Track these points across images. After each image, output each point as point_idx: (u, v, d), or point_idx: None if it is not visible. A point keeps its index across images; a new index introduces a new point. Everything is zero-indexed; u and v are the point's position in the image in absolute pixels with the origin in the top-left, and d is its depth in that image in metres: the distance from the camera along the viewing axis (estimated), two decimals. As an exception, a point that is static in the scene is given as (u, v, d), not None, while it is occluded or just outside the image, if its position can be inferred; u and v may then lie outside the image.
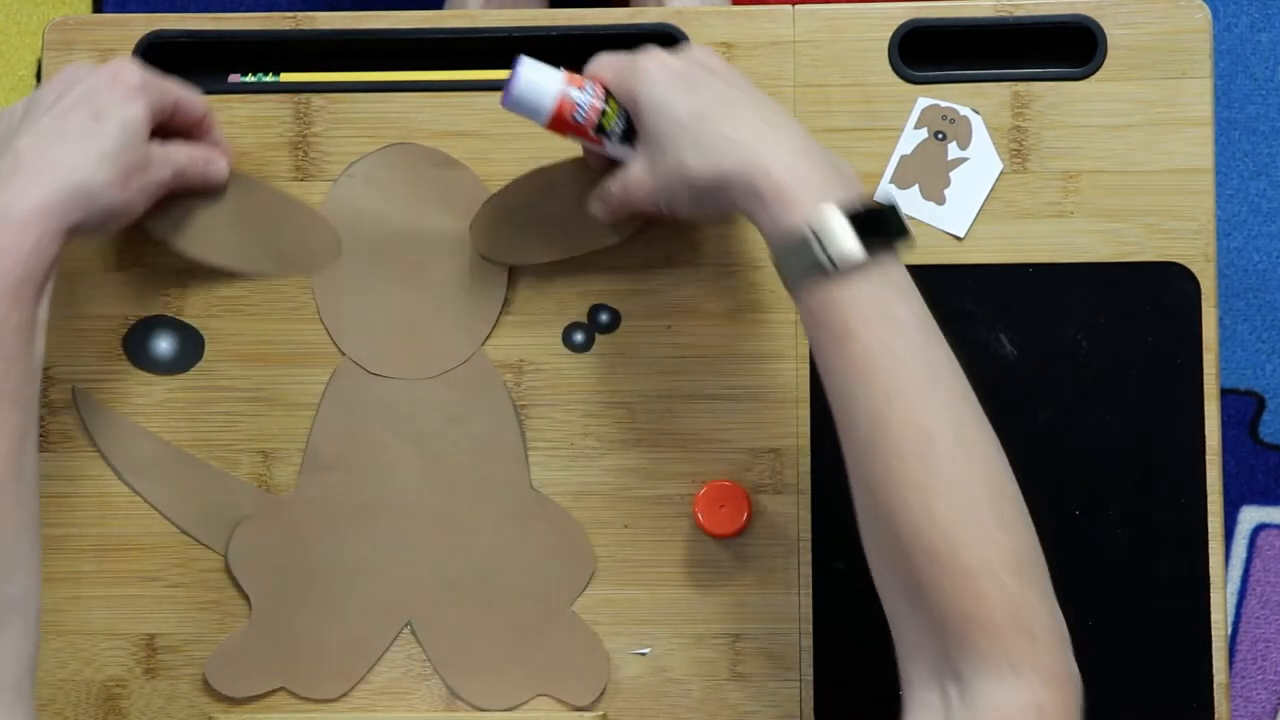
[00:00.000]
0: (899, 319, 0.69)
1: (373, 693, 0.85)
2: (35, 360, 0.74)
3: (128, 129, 0.77)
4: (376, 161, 0.87)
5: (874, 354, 0.69)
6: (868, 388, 0.68)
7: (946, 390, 0.69)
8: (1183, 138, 0.86)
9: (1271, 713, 1.42)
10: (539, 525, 0.86)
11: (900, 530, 0.67)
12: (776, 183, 0.71)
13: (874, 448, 0.68)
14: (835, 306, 0.70)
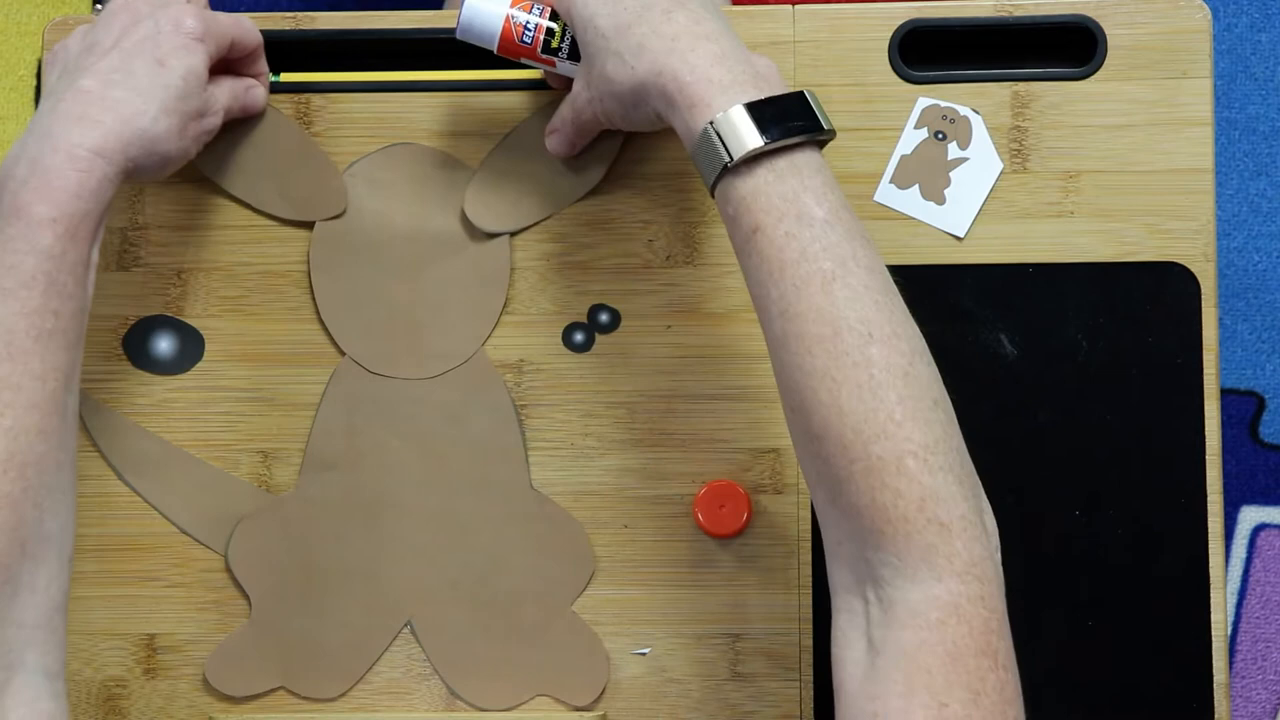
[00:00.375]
0: (808, 212, 0.69)
1: (373, 693, 0.85)
2: (86, 300, 0.74)
3: (189, 78, 0.78)
4: (378, 161, 0.88)
5: (780, 247, 0.69)
6: (777, 281, 0.69)
7: (858, 282, 0.68)
8: (1183, 138, 0.86)
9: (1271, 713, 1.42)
10: (539, 525, 0.86)
11: (813, 424, 0.67)
12: (685, 85, 0.72)
13: (785, 342, 0.68)
14: (742, 202, 0.70)
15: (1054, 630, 0.84)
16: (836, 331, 0.67)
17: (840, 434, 0.66)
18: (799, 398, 0.68)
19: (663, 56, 0.73)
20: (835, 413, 0.66)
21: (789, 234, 0.68)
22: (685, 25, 0.74)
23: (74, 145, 0.73)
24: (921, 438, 0.65)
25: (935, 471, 0.65)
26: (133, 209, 0.88)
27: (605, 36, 0.75)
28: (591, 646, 0.85)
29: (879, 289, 0.68)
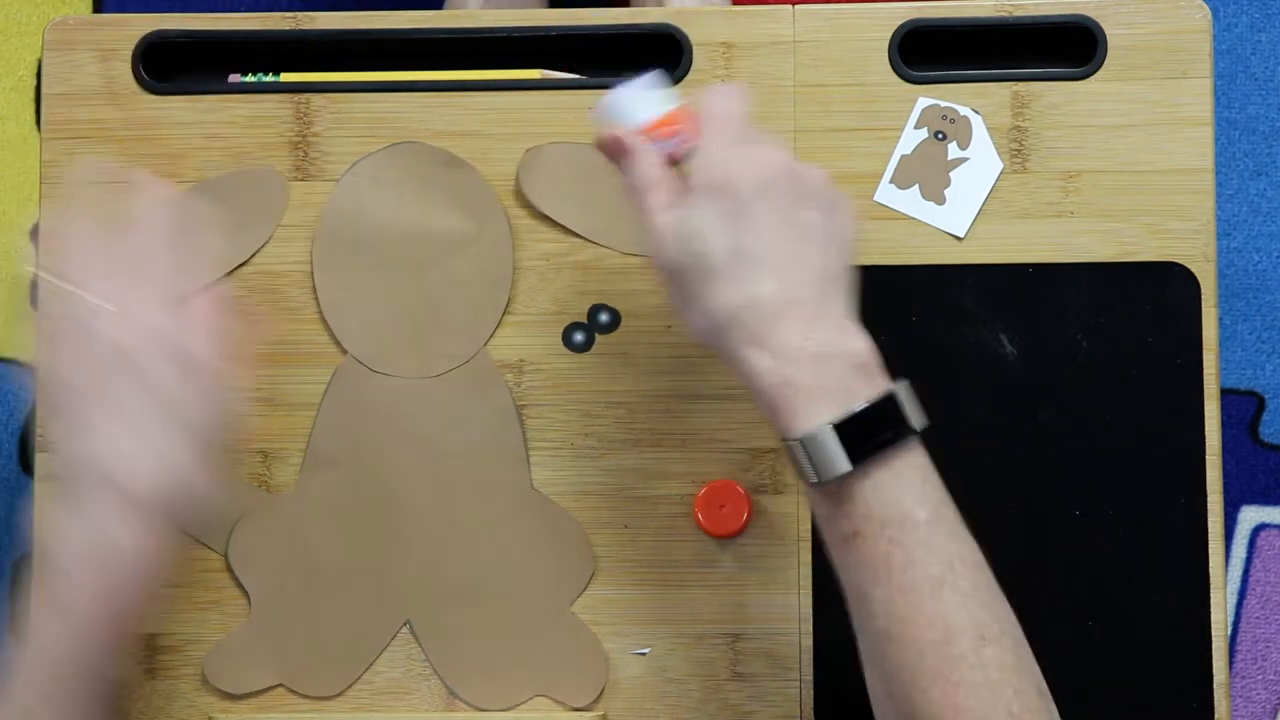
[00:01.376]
0: (911, 517, 0.67)
1: (373, 693, 0.85)
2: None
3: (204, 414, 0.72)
4: (382, 160, 0.87)
5: (884, 554, 0.67)
6: (882, 585, 0.67)
7: (966, 584, 0.68)
8: (1183, 138, 0.86)
9: (1271, 713, 1.42)
10: (539, 526, 0.86)
11: (921, 716, 0.67)
12: (766, 389, 0.68)
13: (891, 641, 0.67)
14: (838, 508, 0.68)
15: (1054, 630, 0.84)
16: (949, 637, 0.66)
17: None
18: (903, 691, 0.67)
19: (748, 342, 0.68)
20: (950, 710, 0.66)
21: (893, 540, 0.67)
22: (791, 295, 0.69)
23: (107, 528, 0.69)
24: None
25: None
26: (133, 209, 0.88)
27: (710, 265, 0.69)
28: (591, 647, 0.85)
29: (985, 586, 0.68)
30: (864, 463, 0.67)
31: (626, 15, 0.90)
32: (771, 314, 0.68)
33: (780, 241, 0.69)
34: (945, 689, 0.66)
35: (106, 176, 0.73)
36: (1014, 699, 0.67)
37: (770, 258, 0.69)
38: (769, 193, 0.70)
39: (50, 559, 0.71)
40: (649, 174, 0.72)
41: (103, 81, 0.89)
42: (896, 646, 0.67)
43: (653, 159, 0.73)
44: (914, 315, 0.86)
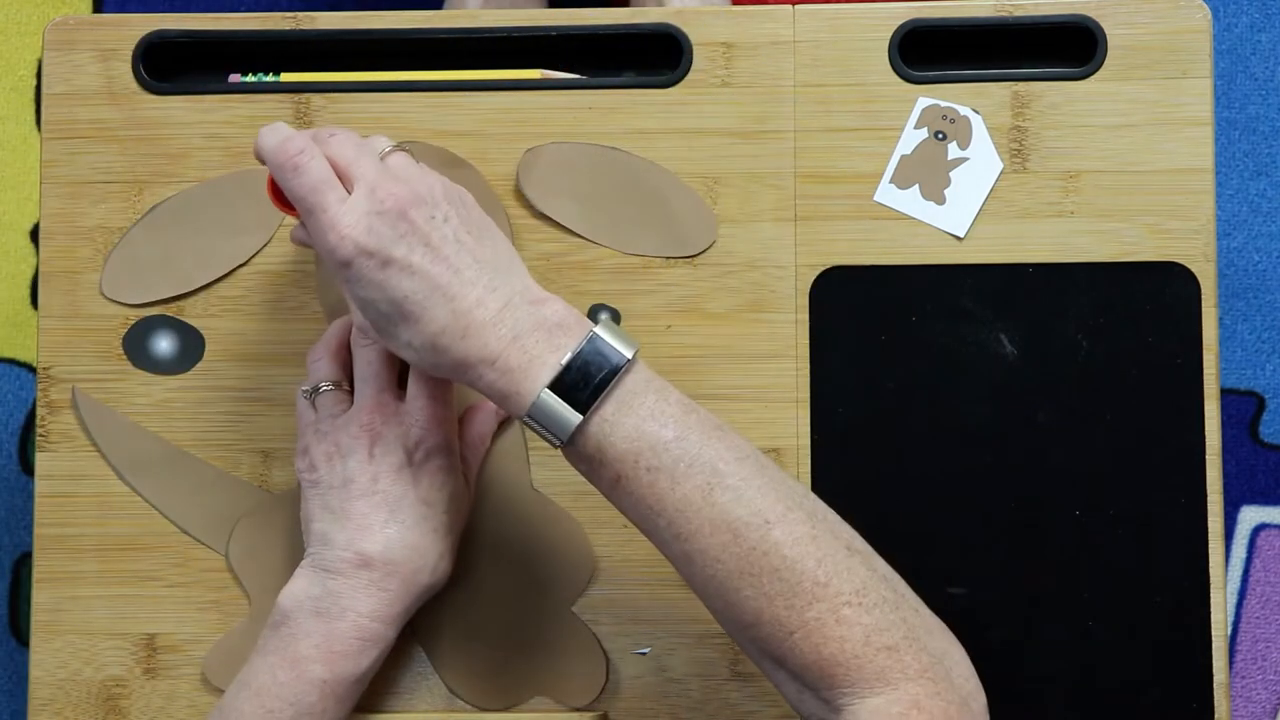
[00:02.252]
0: (657, 440, 0.70)
1: (373, 693, 0.85)
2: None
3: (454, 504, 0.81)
4: None
5: (648, 484, 0.70)
6: (659, 513, 0.70)
7: (734, 479, 0.70)
8: (1183, 138, 0.86)
9: (1271, 713, 1.42)
10: (539, 525, 0.86)
11: (744, 616, 0.69)
12: (490, 384, 0.71)
13: (689, 559, 0.70)
14: (590, 461, 0.71)
15: (1054, 630, 0.84)
16: (735, 534, 0.69)
17: (773, 615, 0.68)
18: (722, 600, 0.70)
19: (459, 356, 0.71)
20: (763, 600, 0.69)
21: (650, 469, 0.70)
22: (471, 306, 0.71)
23: (361, 615, 0.77)
24: (849, 586, 0.68)
25: (870, 609, 0.68)
26: (133, 209, 0.88)
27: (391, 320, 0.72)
28: (590, 647, 0.85)
29: (755, 473, 0.70)
30: (591, 409, 0.69)
31: (626, 15, 0.90)
32: (457, 331, 0.71)
33: (422, 266, 0.71)
34: (751, 582, 0.69)
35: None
36: (817, 568, 0.68)
37: (421, 287, 0.71)
38: (400, 230, 0.71)
39: (294, 620, 0.78)
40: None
41: (103, 81, 0.89)
42: (698, 565, 0.70)
43: None
44: (914, 315, 0.86)
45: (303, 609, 0.77)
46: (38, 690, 0.86)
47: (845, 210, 0.87)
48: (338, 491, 0.79)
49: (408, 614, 0.80)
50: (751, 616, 0.69)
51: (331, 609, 0.77)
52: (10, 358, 1.47)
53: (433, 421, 0.79)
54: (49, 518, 0.86)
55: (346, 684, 0.77)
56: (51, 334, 0.88)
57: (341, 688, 0.77)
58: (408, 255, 0.71)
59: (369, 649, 0.78)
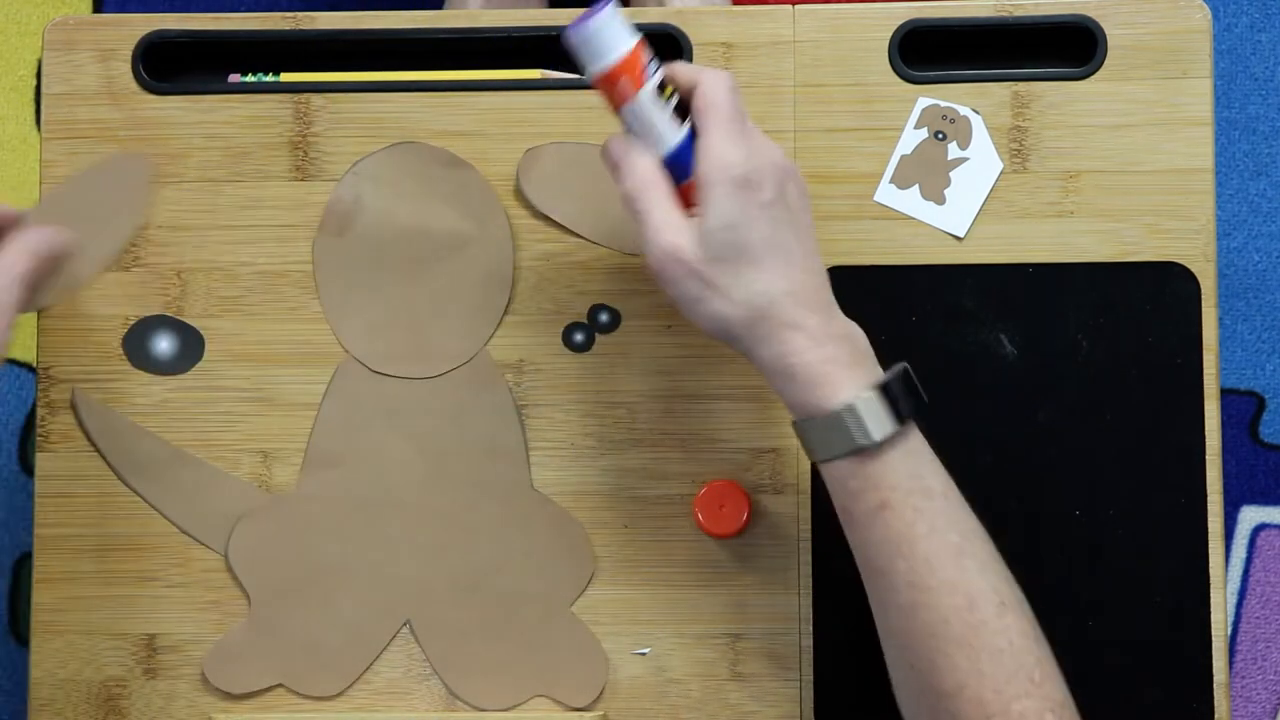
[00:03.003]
0: (930, 488, 0.71)
1: (373, 693, 0.85)
2: None
3: None
4: (383, 160, 0.87)
5: (909, 523, 0.70)
6: (906, 556, 0.70)
7: (983, 553, 0.71)
8: (1183, 138, 0.86)
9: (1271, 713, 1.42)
10: (539, 526, 0.86)
11: (945, 684, 0.69)
12: (809, 364, 0.71)
13: (914, 611, 0.70)
14: (869, 479, 0.71)
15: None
16: (972, 603, 0.69)
17: (979, 694, 0.68)
18: (929, 661, 0.70)
19: (783, 324, 0.71)
20: (975, 676, 0.69)
21: (916, 509, 0.70)
22: (804, 280, 0.72)
23: None
24: (1058, 695, 0.69)
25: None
26: (133, 209, 0.88)
27: (746, 254, 0.71)
28: (590, 647, 0.85)
29: (997, 558, 0.72)
30: (898, 429, 0.71)
31: (626, 15, 0.90)
32: (803, 299, 0.72)
33: (795, 231, 0.73)
34: (970, 655, 0.69)
35: None
36: (1035, 666, 0.69)
37: (794, 247, 0.72)
38: (783, 185, 0.73)
39: None
40: (647, 173, 0.73)
41: (103, 81, 0.89)
42: (920, 617, 0.70)
43: (648, 160, 0.73)
44: (914, 315, 0.86)
45: None
46: (38, 690, 0.86)
47: (845, 210, 0.87)
48: None
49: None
50: (952, 687, 0.69)
51: None
52: (10, 358, 1.47)
53: None
54: (49, 518, 0.87)
55: None
56: (51, 334, 0.88)
57: None
58: (785, 207, 0.72)
59: None
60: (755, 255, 0.72)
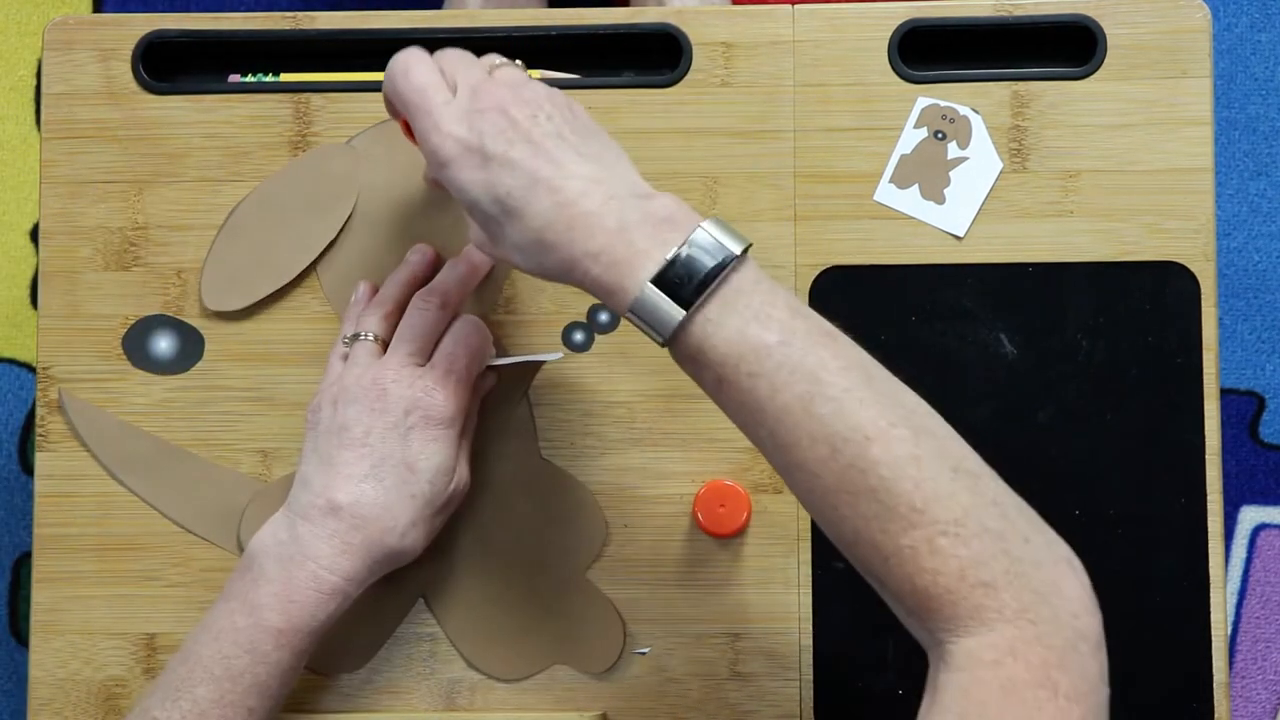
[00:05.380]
0: (760, 343, 0.67)
1: (373, 692, 0.85)
2: (284, 694, 0.78)
3: (438, 478, 0.79)
4: (377, 135, 0.87)
5: (748, 389, 0.67)
6: (759, 423, 0.67)
7: (836, 389, 0.66)
8: (1182, 138, 0.86)
9: (1271, 713, 1.42)
10: (550, 494, 0.86)
11: (843, 535, 0.67)
12: (595, 279, 0.69)
13: (789, 472, 0.68)
14: (692, 361, 0.69)
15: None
16: (833, 449, 0.66)
17: (869, 537, 0.66)
18: (821, 516, 0.68)
19: (564, 250, 0.69)
20: (860, 521, 0.66)
21: (751, 374, 0.67)
22: (574, 199, 0.69)
23: (321, 566, 0.77)
24: (947, 514, 0.65)
25: (969, 540, 0.65)
26: (133, 209, 0.88)
27: (497, 222, 0.71)
28: (607, 613, 0.85)
29: (858, 383, 0.67)
30: (697, 305, 0.67)
31: (626, 15, 0.90)
32: (564, 225, 0.69)
33: (533, 159, 0.70)
34: (847, 500, 0.66)
35: None
36: (914, 492, 0.65)
37: (530, 178, 0.69)
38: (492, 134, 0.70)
39: (259, 565, 0.77)
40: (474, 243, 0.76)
41: (103, 81, 0.89)
42: (798, 478, 0.67)
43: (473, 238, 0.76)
44: (914, 315, 0.86)
45: (268, 554, 0.77)
46: (38, 690, 0.86)
47: (845, 210, 0.87)
48: (331, 437, 0.78)
49: (371, 574, 0.78)
50: (850, 536, 0.66)
51: (295, 556, 0.76)
52: (10, 358, 1.47)
53: (441, 389, 0.78)
54: (49, 518, 0.86)
55: (301, 635, 0.76)
56: (51, 334, 0.88)
57: (297, 638, 0.76)
58: (507, 150, 0.70)
59: (326, 602, 0.77)
60: (515, 208, 0.70)
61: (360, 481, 0.77)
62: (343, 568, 0.77)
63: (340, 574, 0.77)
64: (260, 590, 0.76)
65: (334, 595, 0.77)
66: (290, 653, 0.76)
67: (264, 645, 0.75)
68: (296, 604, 0.76)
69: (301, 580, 0.76)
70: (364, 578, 0.78)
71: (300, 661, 0.77)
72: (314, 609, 0.76)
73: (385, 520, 0.77)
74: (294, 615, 0.76)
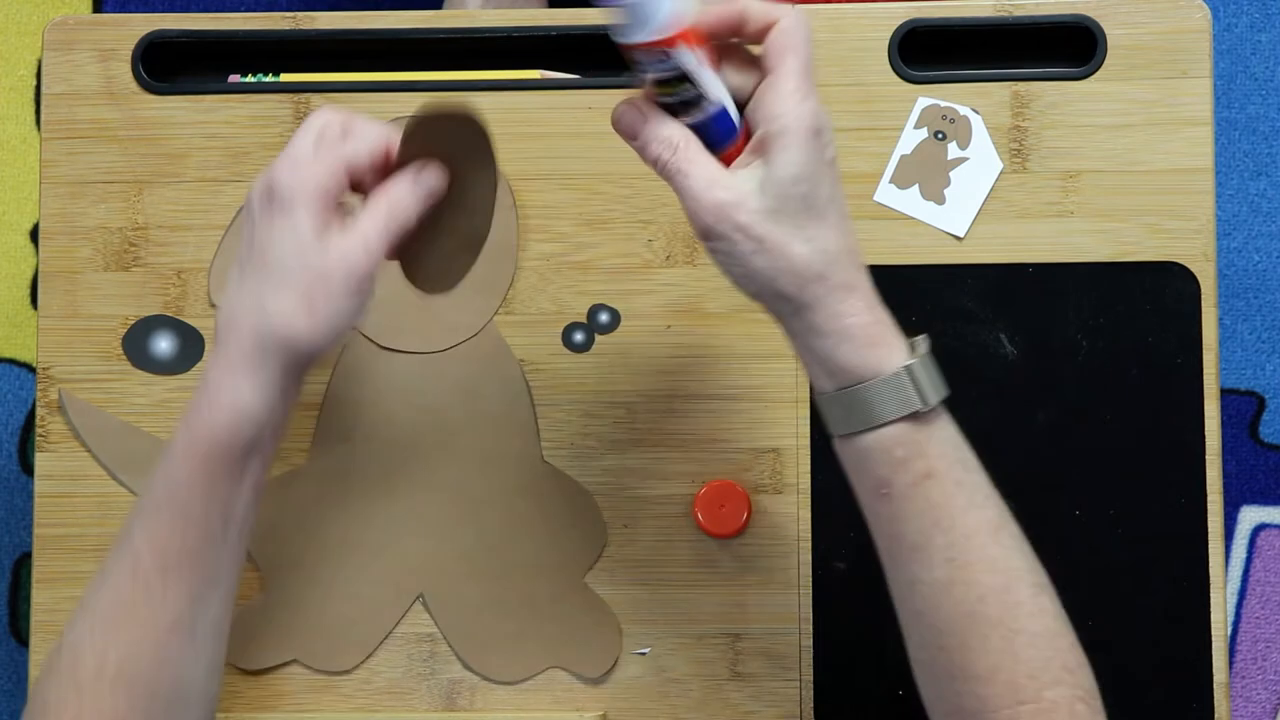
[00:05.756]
0: (969, 460, 0.69)
1: (373, 692, 0.85)
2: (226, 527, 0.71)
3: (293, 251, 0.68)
4: None
5: (951, 495, 0.68)
6: (946, 529, 0.67)
7: (1016, 533, 0.69)
8: (1183, 138, 0.86)
9: (1271, 713, 1.42)
10: (551, 497, 0.86)
11: (978, 667, 0.67)
12: (866, 326, 0.67)
13: (951, 589, 0.67)
14: (919, 448, 0.68)
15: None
16: (1009, 583, 0.67)
17: (1012, 679, 0.66)
18: (960, 640, 0.67)
19: (847, 280, 0.67)
20: (1009, 659, 0.66)
21: (958, 482, 0.68)
22: (853, 239, 0.68)
23: (210, 381, 0.70)
24: (1088, 684, 0.67)
25: (1096, 714, 0.67)
26: (133, 209, 0.88)
27: (809, 212, 0.67)
28: (604, 618, 0.85)
29: (1025, 539, 0.69)
30: (943, 399, 0.68)
31: None
32: (857, 259, 0.68)
33: (842, 190, 0.68)
34: (1006, 637, 0.66)
35: None
36: (1069, 652, 0.67)
37: (846, 206, 0.68)
38: (829, 141, 0.68)
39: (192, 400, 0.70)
40: (674, 134, 0.68)
41: (103, 81, 0.89)
42: (956, 595, 0.67)
43: (674, 123, 0.68)
44: (914, 315, 0.86)
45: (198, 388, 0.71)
46: (38, 690, 0.86)
47: (845, 210, 0.87)
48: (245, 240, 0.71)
49: (285, 375, 0.70)
50: (986, 670, 0.66)
51: (206, 384, 0.70)
52: (10, 358, 1.47)
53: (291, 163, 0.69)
54: (49, 518, 0.86)
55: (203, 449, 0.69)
56: (51, 334, 0.88)
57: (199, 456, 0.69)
58: (832, 156, 0.68)
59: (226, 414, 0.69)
60: (820, 210, 0.66)
61: (233, 283, 0.71)
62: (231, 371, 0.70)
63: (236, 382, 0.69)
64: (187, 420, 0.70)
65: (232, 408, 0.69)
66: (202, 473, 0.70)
67: (176, 473, 0.70)
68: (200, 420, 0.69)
69: (202, 396, 0.70)
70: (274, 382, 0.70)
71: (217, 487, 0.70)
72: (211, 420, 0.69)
73: (250, 317, 0.69)
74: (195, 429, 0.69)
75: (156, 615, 0.71)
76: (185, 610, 0.71)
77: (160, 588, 0.70)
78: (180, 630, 0.71)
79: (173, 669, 0.71)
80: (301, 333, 0.69)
